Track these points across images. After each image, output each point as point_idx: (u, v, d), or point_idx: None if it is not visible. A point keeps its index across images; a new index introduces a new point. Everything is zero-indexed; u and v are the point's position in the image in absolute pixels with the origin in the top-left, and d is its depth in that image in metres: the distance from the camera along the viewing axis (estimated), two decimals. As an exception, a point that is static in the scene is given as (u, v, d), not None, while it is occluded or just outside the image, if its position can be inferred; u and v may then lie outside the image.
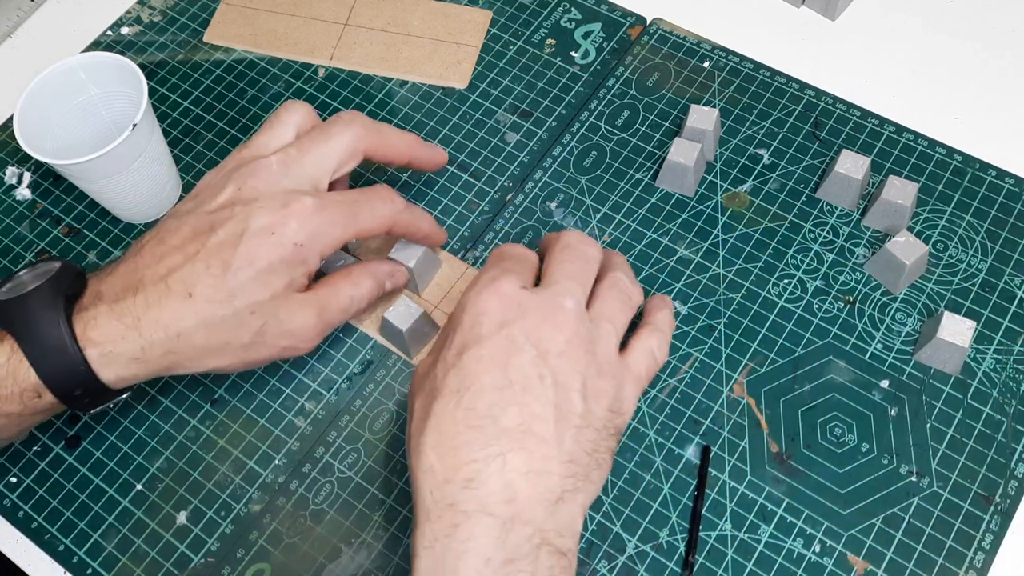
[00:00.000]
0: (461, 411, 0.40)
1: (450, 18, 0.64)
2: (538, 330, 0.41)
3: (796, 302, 0.52)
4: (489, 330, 0.41)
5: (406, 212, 0.49)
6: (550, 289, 0.43)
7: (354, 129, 0.48)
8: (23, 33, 0.68)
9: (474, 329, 0.42)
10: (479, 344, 0.41)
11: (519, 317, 0.42)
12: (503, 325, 0.41)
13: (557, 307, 0.42)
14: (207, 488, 0.50)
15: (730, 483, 0.48)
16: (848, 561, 0.46)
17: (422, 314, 0.50)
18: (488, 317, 0.42)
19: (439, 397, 0.41)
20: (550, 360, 0.41)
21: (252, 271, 0.43)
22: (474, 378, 0.40)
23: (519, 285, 0.43)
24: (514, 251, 0.47)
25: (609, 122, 0.59)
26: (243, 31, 0.65)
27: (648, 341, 0.46)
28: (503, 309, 0.42)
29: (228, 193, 0.45)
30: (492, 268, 0.45)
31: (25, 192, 0.60)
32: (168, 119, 0.62)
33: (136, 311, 0.43)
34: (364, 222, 0.47)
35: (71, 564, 0.48)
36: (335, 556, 0.47)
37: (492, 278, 0.43)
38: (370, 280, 0.49)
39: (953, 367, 0.49)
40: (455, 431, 0.40)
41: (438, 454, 0.40)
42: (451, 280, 0.54)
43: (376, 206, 0.47)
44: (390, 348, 0.52)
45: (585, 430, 0.41)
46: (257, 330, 0.44)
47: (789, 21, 0.63)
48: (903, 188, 0.52)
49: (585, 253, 0.45)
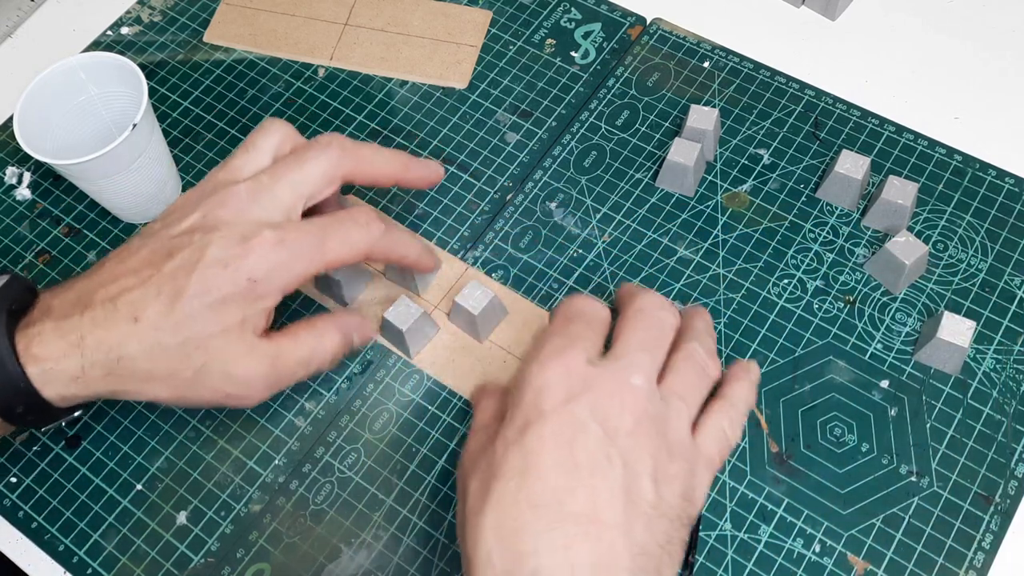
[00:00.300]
0: (523, 493, 0.37)
1: (450, 18, 0.64)
2: (605, 407, 0.38)
3: (796, 302, 0.52)
4: (553, 406, 0.38)
5: (386, 238, 0.46)
6: (619, 362, 0.40)
7: (330, 153, 0.45)
8: (23, 33, 0.68)
9: (537, 405, 0.39)
10: (542, 421, 0.38)
11: (584, 391, 0.39)
12: (568, 401, 0.38)
13: (625, 383, 0.39)
14: (207, 488, 0.50)
15: (730, 483, 0.48)
16: (848, 561, 0.46)
17: (422, 314, 0.50)
18: (551, 392, 0.39)
19: (499, 477, 0.38)
20: (618, 440, 0.38)
21: (203, 302, 0.41)
22: (536, 457, 0.38)
23: (585, 357, 0.40)
24: (584, 309, 0.43)
25: (609, 122, 0.59)
26: (243, 31, 0.65)
27: (720, 419, 0.42)
28: (568, 384, 0.39)
29: (193, 219, 0.43)
30: (558, 334, 0.41)
31: (25, 192, 0.60)
32: (168, 119, 0.62)
33: (81, 329, 0.41)
34: (334, 253, 0.44)
35: (71, 564, 0.48)
36: (335, 556, 0.47)
37: (557, 349, 0.40)
38: (337, 334, 0.46)
39: (953, 367, 0.49)
40: (516, 513, 0.37)
41: (498, 537, 0.37)
42: (451, 280, 0.54)
43: (349, 233, 0.44)
44: (390, 348, 0.52)
45: (657, 520, 0.38)
46: (200, 368, 0.42)
47: (789, 21, 0.63)
48: (903, 188, 0.52)
49: (660, 320, 0.42)
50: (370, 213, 0.46)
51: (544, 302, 0.53)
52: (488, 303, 0.50)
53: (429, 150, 0.59)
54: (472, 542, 0.37)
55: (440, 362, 0.52)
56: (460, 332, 0.52)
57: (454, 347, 0.52)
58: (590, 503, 0.37)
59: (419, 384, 0.52)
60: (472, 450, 0.41)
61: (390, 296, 0.54)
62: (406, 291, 0.54)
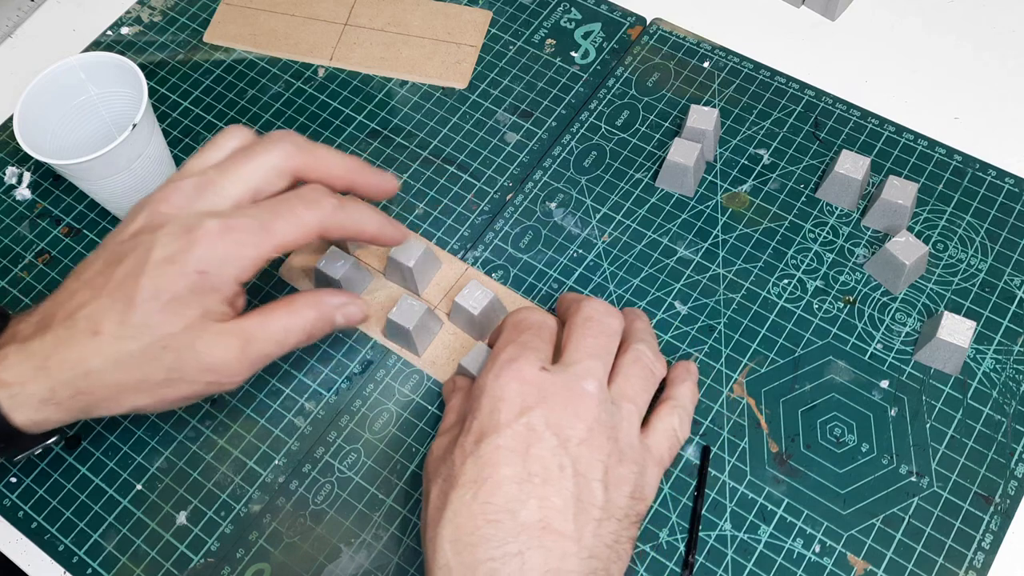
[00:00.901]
0: (479, 504, 0.38)
1: (450, 18, 0.64)
2: (559, 416, 0.40)
3: (796, 302, 0.52)
4: (508, 418, 0.40)
5: (339, 213, 0.44)
6: (571, 370, 0.41)
7: (282, 147, 0.44)
8: (23, 33, 0.68)
9: (493, 416, 0.40)
10: (498, 432, 0.39)
11: (539, 403, 0.40)
12: (522, 412, 0.40)
13: (579, 391, 0.41)
14: (207, 488, 0.50)
15: (730, 483, 0.48)
16: (848, 561, 0.46)
17: (426, 310, 0.50)
18: (507, 404, 0.40)
19: (456, 487, 0.39)
20: (570, 448, 0.39)
21: (158, 304, 0.40)
22: (492, 469, 0.39)
23: (539, 365, 0.41)
24: (531, 320, 0.44)
25: (609, 122, 0.59)
26: (243, 31, 0.65)
27: (670, 419, 0.44)
28: (523, 394, 0.40)
29: (140, 220, 0.43)
30: (510, 344, 0.43)
31: (25, 192, 0.60)
32: (168, 119, 0.62)
33: (45, 350, 0.41)
34: (283, 234, 0.42)
35: (71, 564, 0.48)
36: (335, 556, 0.47)
37: (511, 358, 0.41)
38: (312, 311, 0.45)
39: (953, 367, 0.49)
40: (473, 526, 0.38)
41: (455, 550, 0.38)
42: (451, 280, 0.54)
43: (297, 212, 0.43)
44: (394, 350, 0.52)
45: (606, 522, 0.39)
46: (171, 365, 0.41)
47: (789, 21, 0.63)
48: (903, 188, 0.52)
49: (608, 327, 0.44)
50: (320, 190, 0.44)
51: (544, 302, 0.53)
52: (488, 303, 0.50)
53: (429, 150, 0.59)
54: (431, 552, 0.39)
55: (440, 362, 0.52)
56: (460, 332, 0.52)
57: (454, 347, 0.52)
58: (542, 512, 0.38)
59: (419, 384, 0.52)
60: (435, 455, 0.42)
61: (391, 296, 0.54)
62: (407, 291, 0.54)
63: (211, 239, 0.41)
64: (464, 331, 0.52)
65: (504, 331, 0.44)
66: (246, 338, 0.43)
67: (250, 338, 0.43)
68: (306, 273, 0.55)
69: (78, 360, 0.41)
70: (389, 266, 0.53)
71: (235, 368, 0.43)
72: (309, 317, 0.45)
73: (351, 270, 0.52)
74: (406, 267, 0.51)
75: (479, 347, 0.49)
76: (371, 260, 0.55)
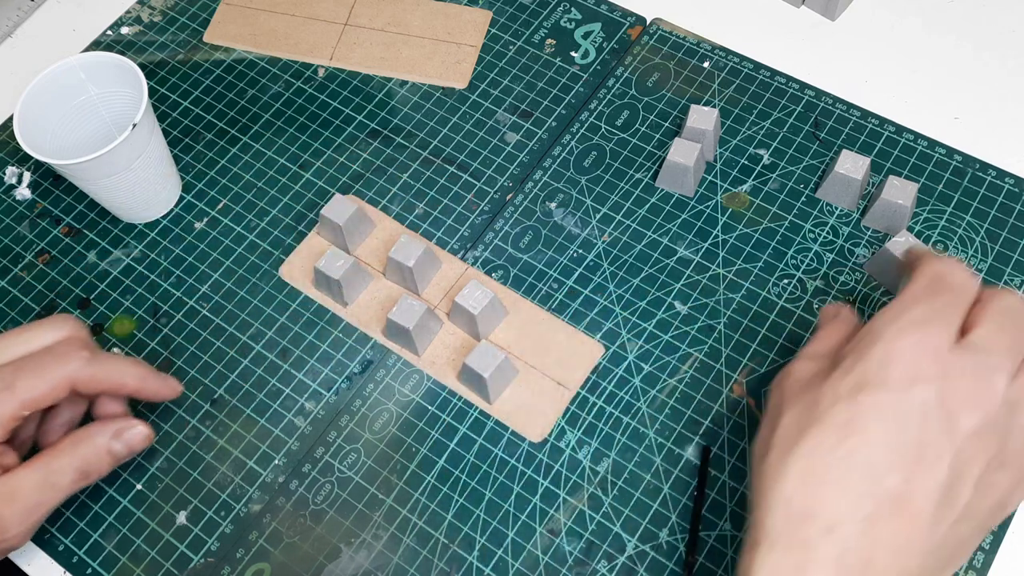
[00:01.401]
0: (842, 451, 0.37)
1: (450, 18, 0.64)
2: (955, 401, 0.37)
3: (796, 302, 0.52)
4: (899, 380, 0.37)
5: (92, 366, 0.44)
6: (982, 357, 0.38)
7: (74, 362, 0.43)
8: (23, 33, 0.68)
9: (882, 369, 0.37)
10: (883, 389, 0.37)
11: (938, 379, 0.37)
12: (916, 381, 0.37)
13: (985, 383, 0.37)
14: (207, 488, 0.50)
15: (730, 483, 0.48)
16: (848, 561, 0.46)
17: (426, 310, 0.50)
18: (903, 364, 0.37)
19: (819, 424, 0.37)
20: (956, 437, 0.37)
21: None
22: (866, 422, 0.37)
23: (950, 341, 0.38)
24: (955, 280, 0.40)
25: (609, 122, 0.59)
26: (243, 31, 0.65)
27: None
28: (922, 363, 0.37)
29: None
30: (924, 302, 0.39)
31: (25, 192, 0.60)
32: (168, 119, 0.62)
33: None
34: (27, 391, 0.42)
35: (71, 564, 0.48)
36: (335, 556, 0.47)
37: (921, 321, 0.38)
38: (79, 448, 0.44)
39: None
40: (828, 468, 0.37)
41: (803, 483, 0.37)
42: (451, 280, 0.54)
43: (44, 367, 0.43)
44: (394, 349, 0.52)
45: (963, 523, 0.37)
46: None
47: (789, 21, 0.63)
48: (903, 188, 0.52)
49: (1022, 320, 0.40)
50: (72, 344, 0.44)
51: (544, 302, 0.53)
52: (488, 303, 0.50)
53: (429, 150, 0.59)
54: (772, 478, 0.37)
55: (440, 362, 0.52)
56: (460, 332, 0.52)
57: (455, 347, 0.52)
58: (907, 487, 0.36)
59: (419, 384, 0.52)
60: (796, 376, 0.40)
61: (391, 296, 0.54)
62: (407, 290, 0.54)
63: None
64: (464, 331, 0.52)
65: (919, 280, 0.40)
66: (9, 493, 0.42)
67: (13, 492, 0.42)
68: (306, 273, 0.55)
69: None
70: (389, 266, 0.53)
71: (4, 524, 0.42)
72: (77, 455, 0.44)
73: (351, 270, 0.52)
74: (406, 267, 0.51)
75: (482, 346, 0.49)
76: (371, 260, 0.55)
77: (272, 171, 0.60)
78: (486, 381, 0.49)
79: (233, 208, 0.58)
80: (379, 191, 0.58)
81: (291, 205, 0.58)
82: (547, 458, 0.49)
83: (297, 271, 0.55)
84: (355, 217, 0.54)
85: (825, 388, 0.38)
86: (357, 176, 0.59)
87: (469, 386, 0.51)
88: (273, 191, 0.59)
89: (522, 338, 0.52)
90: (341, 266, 0.52)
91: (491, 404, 0.50)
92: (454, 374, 0.51)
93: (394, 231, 0.56)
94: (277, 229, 0.57)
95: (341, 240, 0.54)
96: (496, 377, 0.49)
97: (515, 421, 0.50)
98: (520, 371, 0.51)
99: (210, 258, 0.57)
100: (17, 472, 0.43)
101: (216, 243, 0.57)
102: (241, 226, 0.58)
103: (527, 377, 0.51)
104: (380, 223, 0.56)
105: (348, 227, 0.54)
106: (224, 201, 0.59)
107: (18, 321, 0.55)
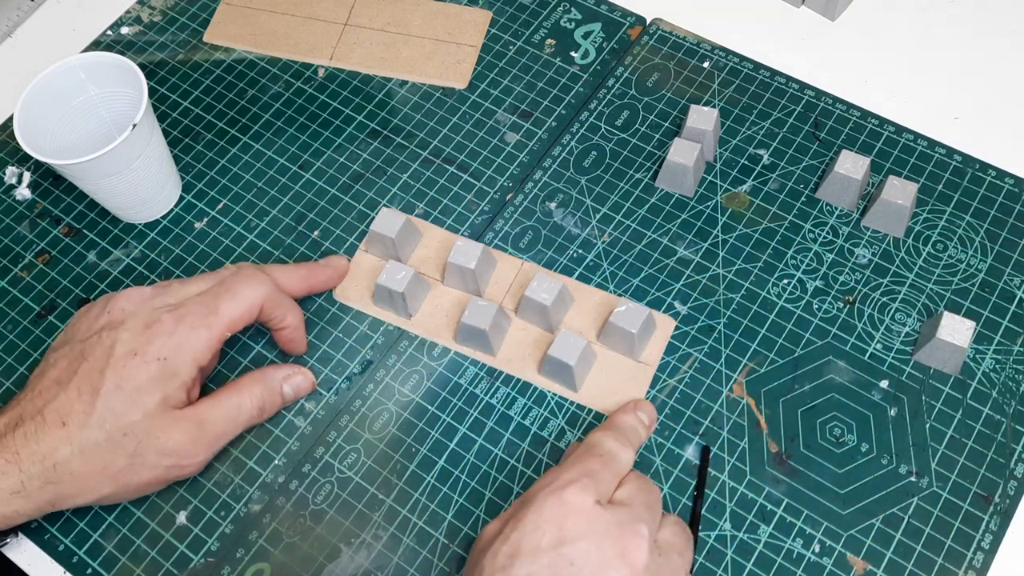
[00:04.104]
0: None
1: (450, 18, 0.64)
2: (600, 556, 0.39)
3: (796, 302, 0.52)
4: (548, 543, 0.39)
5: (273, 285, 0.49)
6: (625, 511, 0.40)
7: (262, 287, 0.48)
8: (23, 33, 0.68)
9: (533, 535, 0.39)
10: (533, 557, 0.39)
11: (582, 537, 0.39)
12: (562, 543, 0.39)
13: (631, 532, 0.40)
14: (207, 488, 0.50)
15: (730, 483, 0.48)
16: (848, 561, 0.46)
17: (498, 309, 0.50)
18: (550, 528, 0.39)
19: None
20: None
21: (121, 393, 0.44)
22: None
23: (594, 498, 0.40)
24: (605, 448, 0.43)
25: (609, 122, 0.59)
26: (243, 31, 0.65)
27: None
28: (569, 523, 0.39)
29: (100, 320, 0.47)
30: (576, 466, 0.42)
31: (25, 192, 0.60)
32: (168, 119, 0.62)
33: (15, 445, 0.43)
34: (229, 313, 0.47)
35: (71, 564, 0.48)
36: (335, 556, 0.47)
37: (570, 481, 0.41)
38: (258, 386, 0.49)
39: (952, 367, 0.49)
40: None
41: None
42: (509, 277, 0.54)
43: (238, 292, 0.47)
44: (468, 353, 0.52)
45: None
46: (133, 451, 0.45)
47: (789, 21, 0.63)
48: (903, 188, 0.52)
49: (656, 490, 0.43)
50: (254, 268, 0.50)
51: (544, 302, 0.53)
52: (558, 293, 0.50)
53: (429, 150, 0.59)
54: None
55: (516, 358, 0.52)
56: (530, 326, 0.52)
57: (528, 341, 0.52)
58: None
59: (419, 384, 0.52)
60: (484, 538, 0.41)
61: (454, 301, 0.53)
62: (469, 293, 0.53)
63: (168, 329, 0.46)
64: (534, 324, 0.52)
65: (579, 449, 0.44)
66: (200, 421, 0.46)
67: (203, 421, 0.46)
68: (362, 293, 0.54)
69: (48, 452, 0.44)
70: (449, 271, 0.53)
71: (192, 450, 0.46)
72: (256, 393, 0.49)
73: (413, 281, 0.52)
74: (467, 269, 0.51)
75: (563, 335, 0.49)
76: (425, 268, 0.55)
77: (272, 171, 0.60)
78: (572, 369, 0.49)
79: (233, 208, 0.58)
80: (379, 191, 0.58)
81: (291, 205, 0.58)
82: (547, 458, 0.49)
83: (352, 292, 0.55)
84: (405, 228, 0.53)
85: (486, 560, 0.40)
86: (357, 176, 0.59)
87: (552, 377, 0.51)
88: (273, 191, 0.59)
89: (593, 323, 0.52)
90: (403, 278, 0.51)
91: (577, 392, 0.50)
92: (534, 367, 0.51)
93: (443, 238, 0.56)
94: (277, 229, 0.57)
95: (394, 253, 0.54)
96: (581, 364, 0.49)
97: (602, 405, 0.50)
98: (598, 355, 0.51)
99: (210, 258, 0.57)
100: (206, 402, 0.47)
101: (216, 243, 0.57)
102: (241, 226, 0.58)
103: (605, 360, 0.51)
104: (426, 232, 0.56)
105: (399, 239, 0.53)
106: (224, 201, 0.59)
107: (18, 321, 0.55)
